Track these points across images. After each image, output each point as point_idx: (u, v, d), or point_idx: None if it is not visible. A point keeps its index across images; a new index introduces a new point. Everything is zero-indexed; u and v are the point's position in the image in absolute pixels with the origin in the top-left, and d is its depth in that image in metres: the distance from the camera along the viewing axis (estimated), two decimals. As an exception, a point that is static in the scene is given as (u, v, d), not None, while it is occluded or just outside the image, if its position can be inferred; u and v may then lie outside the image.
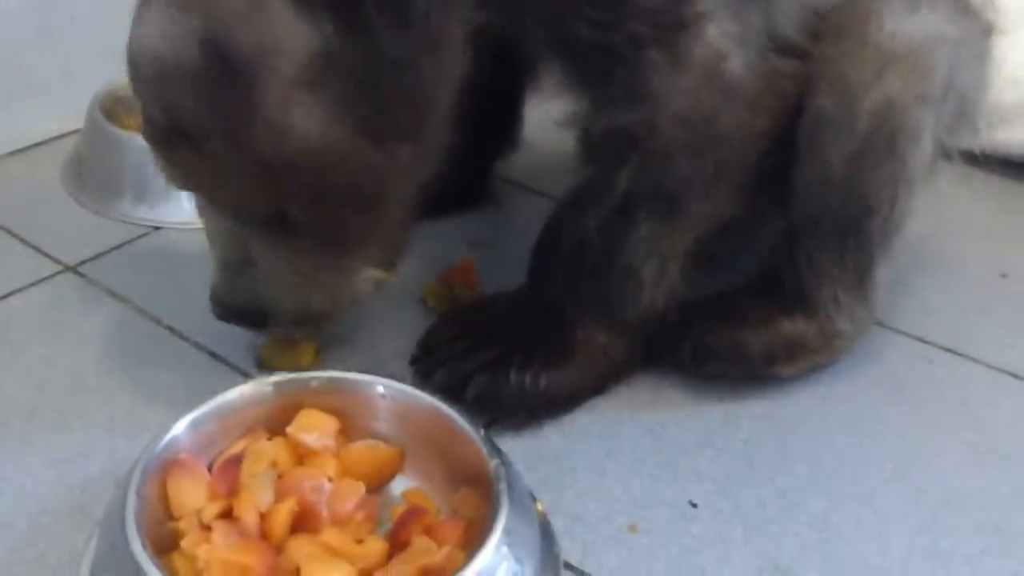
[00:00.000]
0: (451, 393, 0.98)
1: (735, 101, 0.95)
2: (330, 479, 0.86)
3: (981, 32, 1.10)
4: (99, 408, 1.04)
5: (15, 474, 0.96)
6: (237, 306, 1.03)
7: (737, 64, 0.94)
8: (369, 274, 1.02)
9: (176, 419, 0.89)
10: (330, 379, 0.94)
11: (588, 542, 0.92)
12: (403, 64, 0.86)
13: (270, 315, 1.03)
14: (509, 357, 1.03)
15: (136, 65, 0.88)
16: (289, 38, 0.83)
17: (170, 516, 0.85)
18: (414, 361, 1.07)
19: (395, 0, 0.83)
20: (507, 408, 1.03)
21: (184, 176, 0.94)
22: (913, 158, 1.02)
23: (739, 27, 0.93)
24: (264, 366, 1.09)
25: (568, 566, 0.89)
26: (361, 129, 0.88)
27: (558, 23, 0.92)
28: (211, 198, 0.96)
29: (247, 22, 0.83)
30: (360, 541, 0.84)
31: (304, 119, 0.86)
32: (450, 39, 0.89)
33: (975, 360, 1.18)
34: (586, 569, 0.89)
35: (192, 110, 0.86)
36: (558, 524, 0.92)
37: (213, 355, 1.12)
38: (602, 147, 0.99)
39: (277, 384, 0.93)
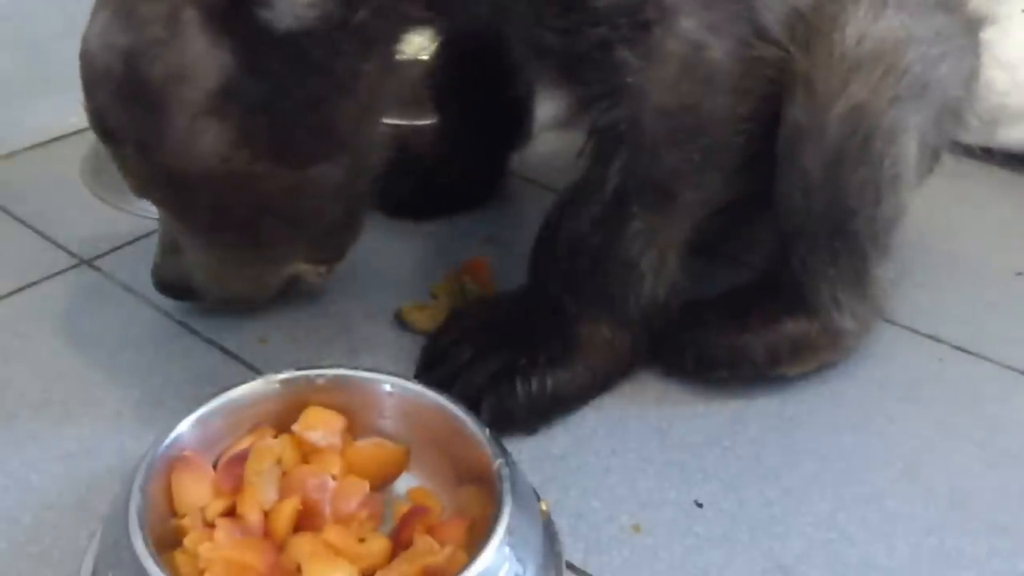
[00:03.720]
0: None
1: (716, 88, 0.95)
2: (334, 477, 0.85)
3: (962, 26, 1.09)
4: (108, 402, 1.03)
5: (21, 468, 0.95)
6: (169, 282, 1.10)
7: (717, 53, 0.93)
8: (298, 267, 1.07)
9: (184, 415, 0.88)
10: (336, 376, 0.93)
11: (591, 541, 0.91)
12: (311, 103, 0.91)
13: (196, 294, 1.10)
14: (515, 362, 1.02)
15: (81, 64, 0.95)
16: (198, 68, 0.88)
17: (174, 513, 0.85)
18: (419, 374, 1.05)
19: (292, 48, 0.87)
20: (520, 419, 1.01)
21: (116, 165, 1.00)
22: (892, 158, 1.01)
23: (715, 16, 0.93)
24: (405, 318, 1.15)
25: (571, 566, 0.88)
26: (266, 155, 0.92)
27: (526, 32, 0.93)
28: (136, 191, 1.02)
29: (162, 47, 0.88)
30: (363, 540, 0.83)
31: (208, 144, 0.90)
32: (371, 76, 0.92)
33: (987, 359, 1.16)
34: (588, 568, 0.88)
35: (111, 115, 0.94)
36: (562, 523, 0.91)
37: (224, 351, 1.11)
38: (591, 144, 0.99)
39: (284, 382, 0.92)
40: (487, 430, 0.88)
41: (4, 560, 0.86)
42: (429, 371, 1.04)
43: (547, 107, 1.12)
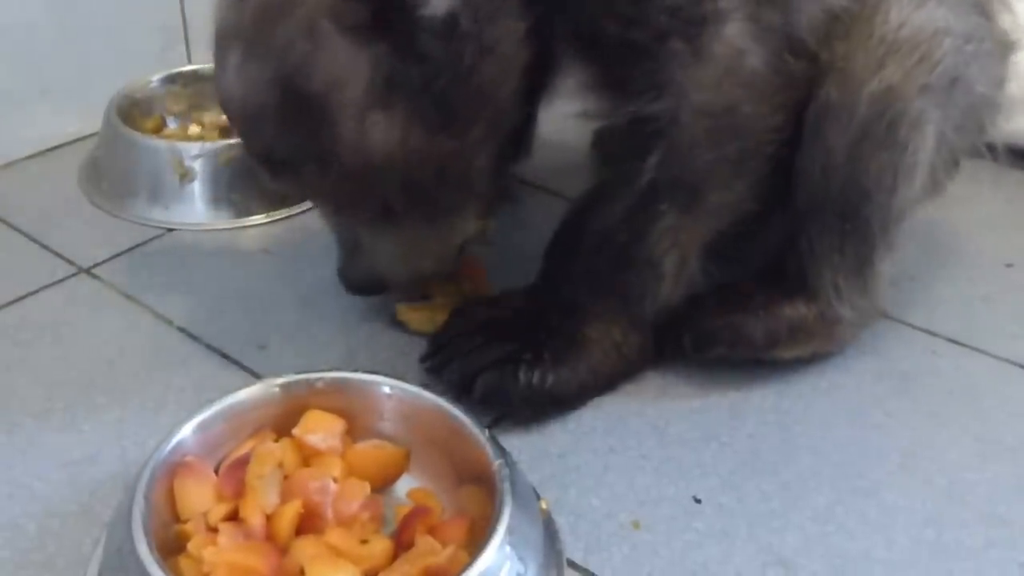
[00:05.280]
0: (460, 390, 1.00)
1: (754, 94, 0.96)
2: (335, 480, 0.85)
3: (995, 33, 1.09)
4: (109, 409, 1.03)
5: (24, 476, 0.95)
6: (360, 281, 1.11)
7: (756, 60, 0.95)
8: (469, 228, 1.07)
9: (185, 421, 0.87)
10: (335, 380, 0.93)
11: (591, 539, 0.90)
12: (462, 73, 0.91)
13: (387, 284, 1.10)
14: (520, 354, 1.02)
15: (227, 107, 0.98)
16: (351, 70, 0.90)
17: (177, 518, 0.84)
18: (425, 358, 1.06)
19: (442, 24, 0.88)
20: (515, 405, 1.02)
21: (288, 190, 1.07)
22: (914, 147, 1.02)
23: (756, 27, 0.94)
24: (400, 318, 1.15)
25: (571, 563, 0.88)
26: (435, 129, 0.93)
27: (585, 21, 0.94)
28: (318, 203, 1.07)
29: (311, 61, 0.90)
30: (365, 541, 0.83)
31: (381, 135, 0.92)
32: (505, 40, 0.93)
33: (981, 351, 1.16)
34: (589, 566, 0.88)
35: (282, 145, 0.95)
36: (561, 521, 0.91)
37: (224, 356, 1.10)
38: (627, 138, 0.99)
39: (283, 386, 0.92)
40: (486, 430, 0.87)
41: (8, 568, 0.86)
42: (432, 358, 1.05)
43: (550, 111, 1.11)
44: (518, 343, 1.03)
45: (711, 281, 1.08)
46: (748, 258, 1.13)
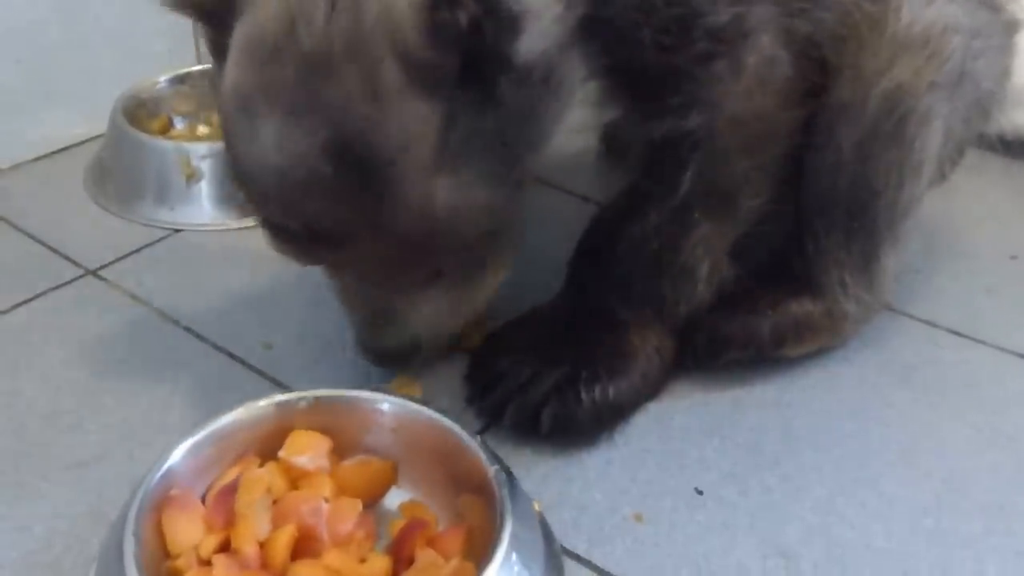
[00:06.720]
0: (525, 428, 0.99)
1: (781, 100, 0.97)
2: (327, 499, 0.83)
3: (1002, 25, 1.10)
4: (116, 410, 1.03)
5: (31, 477, 0.95)
6: (391, 351, 1.02)
7: (785, 67, 0.96)
8: (500, 280, 1.02)
9: (191, 423, 0.88)
10: (319, 398, 0.90)
11: (594, 532, 0.91)
12: (528, 119, 0.86)
13: (423, 348, 1.02)
14: (575, 375, 1.00)
15: (257, 182, 0.85)
16: (420, 125, 0.80)
17: (168, 554, 0.81)
18: (472, 399, 1.04)
19: (520, 66, 0.81)
20: (586, 428, 1.00)
21: (326, 267, 0.96)
22: (921, 144, 1.02)
23: (786, 36, 0.95)
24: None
25: (575, 556, 0.88)
26: (498, 184, 0.86)
27: (624, 51, 0.92)
28: (357, 278, 0.97)
29: (373, 120, 0.79)
30: (363, 560, 0.81)
31: (448, 196, 0.83)
32: (566, 84, 0.89)
33: (983, 342, 1.16)
34: (592, 559, 0.88)
35: (332, 218, 0.84)
36: (564, 515, 0.91)
37: (231, 356, 1.11)
38: (660, 151, 0.99)
39: (267, 407, 0.89)
40: (478, 437, 0.86)
41: (16, 570, 0.86)
42: (487, 394, 1.03)
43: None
44: (569, 363, 1.02)
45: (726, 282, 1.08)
46: (751, 257, 1.14)
